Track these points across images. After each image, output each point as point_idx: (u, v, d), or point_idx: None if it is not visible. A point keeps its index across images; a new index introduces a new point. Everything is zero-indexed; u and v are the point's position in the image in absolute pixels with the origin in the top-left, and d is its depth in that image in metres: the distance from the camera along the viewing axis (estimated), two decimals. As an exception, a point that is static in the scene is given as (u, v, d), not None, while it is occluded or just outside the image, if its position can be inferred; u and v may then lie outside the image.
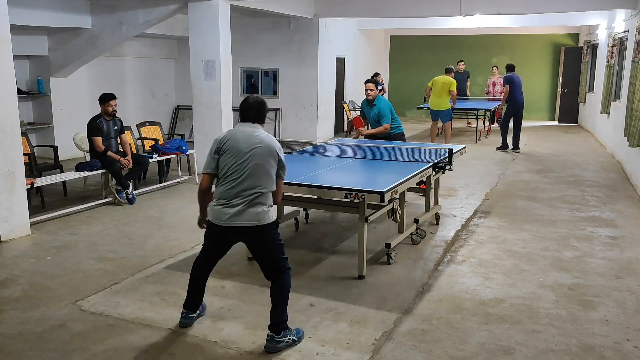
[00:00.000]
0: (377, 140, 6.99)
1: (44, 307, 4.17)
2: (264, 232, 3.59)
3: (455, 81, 11.46)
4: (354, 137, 7.45)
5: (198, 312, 3.95)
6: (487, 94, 15.55)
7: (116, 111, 7.26)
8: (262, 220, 3.54)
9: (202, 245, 3.82)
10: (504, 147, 11.43)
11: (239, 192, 3.52)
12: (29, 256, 5.29)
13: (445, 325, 3.90)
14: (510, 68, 11.53)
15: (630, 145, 8.13)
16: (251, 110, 3.63)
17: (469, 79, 15.51)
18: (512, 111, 11.34)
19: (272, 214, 3.63)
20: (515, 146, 11.39)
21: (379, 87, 13.89)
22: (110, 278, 4.75)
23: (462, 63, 15.27)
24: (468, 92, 15.24)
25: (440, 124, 11.95)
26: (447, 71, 11.86)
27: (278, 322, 3.60)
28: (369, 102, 7.17)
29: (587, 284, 4.64)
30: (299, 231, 6.10)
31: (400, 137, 7.23)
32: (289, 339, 3.61)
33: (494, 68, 15.45)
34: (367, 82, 7.12)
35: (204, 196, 3.70)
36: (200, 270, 3.84)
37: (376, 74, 14.26)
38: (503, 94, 11.54)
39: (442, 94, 11.23)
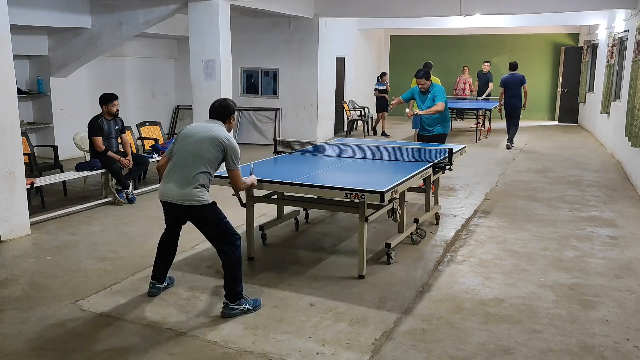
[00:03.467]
0: (381, 141, 6.99)
1: (44, 307, 4.17)
2: (202, 212, 3.99)
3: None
4: (392, 107, 7.71)
5: (165, 283, 4.45)
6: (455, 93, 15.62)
7: (119, 111, 7.29)
8: (193, 201, 3.95)
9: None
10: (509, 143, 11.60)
11: (175, 172, 4.01)
12: (29, 256, 5.29)
13: (445, 325, 3.90)
14: (511, 67, 11.54)
15: (632, 145, 8.10)
16: (212, 110, 4.32)
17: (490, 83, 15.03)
18: (507, 112, 11.56)
19: (208, 196, 4.03)
20: (510, 141, 11.61)
21: (383, 87, 13.89)
22: (110, 278, 4.75)
23: (488, 64, 15.09)
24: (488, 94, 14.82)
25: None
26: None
27: (231, 294, 4.02)
28: (423, 92, 7.18)
29: (587, 284, 4.64)
30: (299, 231, 6.10)
31: (442, 139, 7.24)
32: (244, 307, 4.02)
33: (464, 67, 15.74)
34: (416, 76, 7.12)
35: (160, 172, 4.33)
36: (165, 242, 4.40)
37: (383, 74, 14.21)
38: (499, 95, 11.70)
39: None
